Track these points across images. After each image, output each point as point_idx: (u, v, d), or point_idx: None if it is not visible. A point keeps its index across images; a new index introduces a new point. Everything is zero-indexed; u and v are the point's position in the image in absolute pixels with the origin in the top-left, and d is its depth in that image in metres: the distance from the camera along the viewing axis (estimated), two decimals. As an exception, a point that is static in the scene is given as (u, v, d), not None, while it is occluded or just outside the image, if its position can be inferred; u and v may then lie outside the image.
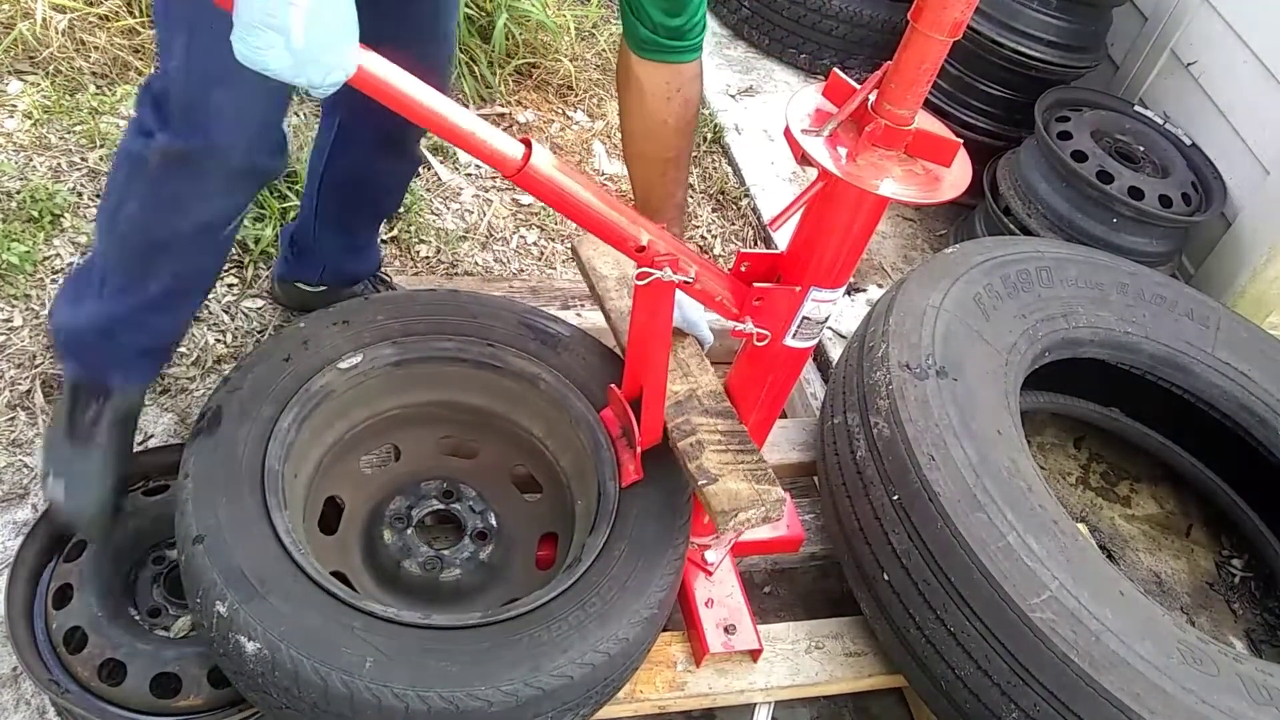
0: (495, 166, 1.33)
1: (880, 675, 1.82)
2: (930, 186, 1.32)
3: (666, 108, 1.60)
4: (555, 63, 3.19)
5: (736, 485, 1.54)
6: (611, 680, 1.50)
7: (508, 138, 1.31)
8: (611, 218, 1.40)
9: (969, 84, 3.07)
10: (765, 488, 1.54)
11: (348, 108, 1.84)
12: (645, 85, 1.58)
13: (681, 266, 1.42)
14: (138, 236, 1.52)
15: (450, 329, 1.81)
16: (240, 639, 1.36)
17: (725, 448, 1.60)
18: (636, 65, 1.57)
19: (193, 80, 1.30)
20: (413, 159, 1.98)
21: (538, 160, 1.31)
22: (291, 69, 1.12)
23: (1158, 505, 2.51)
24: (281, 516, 1.50)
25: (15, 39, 2.60)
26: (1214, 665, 1.55)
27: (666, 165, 1.68)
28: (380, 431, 1.85)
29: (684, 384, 1.71)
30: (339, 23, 1.14)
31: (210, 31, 1.27)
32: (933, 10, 1.19)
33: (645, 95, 1.59)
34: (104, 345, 1.61)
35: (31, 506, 1.87)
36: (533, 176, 1.32)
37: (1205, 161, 2.78)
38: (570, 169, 1.38)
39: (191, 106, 1.36)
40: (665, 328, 1.51)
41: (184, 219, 1.49)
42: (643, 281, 1.42)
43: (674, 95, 1.59)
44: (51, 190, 2.33)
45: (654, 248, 1.41)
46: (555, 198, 1.37)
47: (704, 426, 1.63)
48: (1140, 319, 2.14)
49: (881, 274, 2.94)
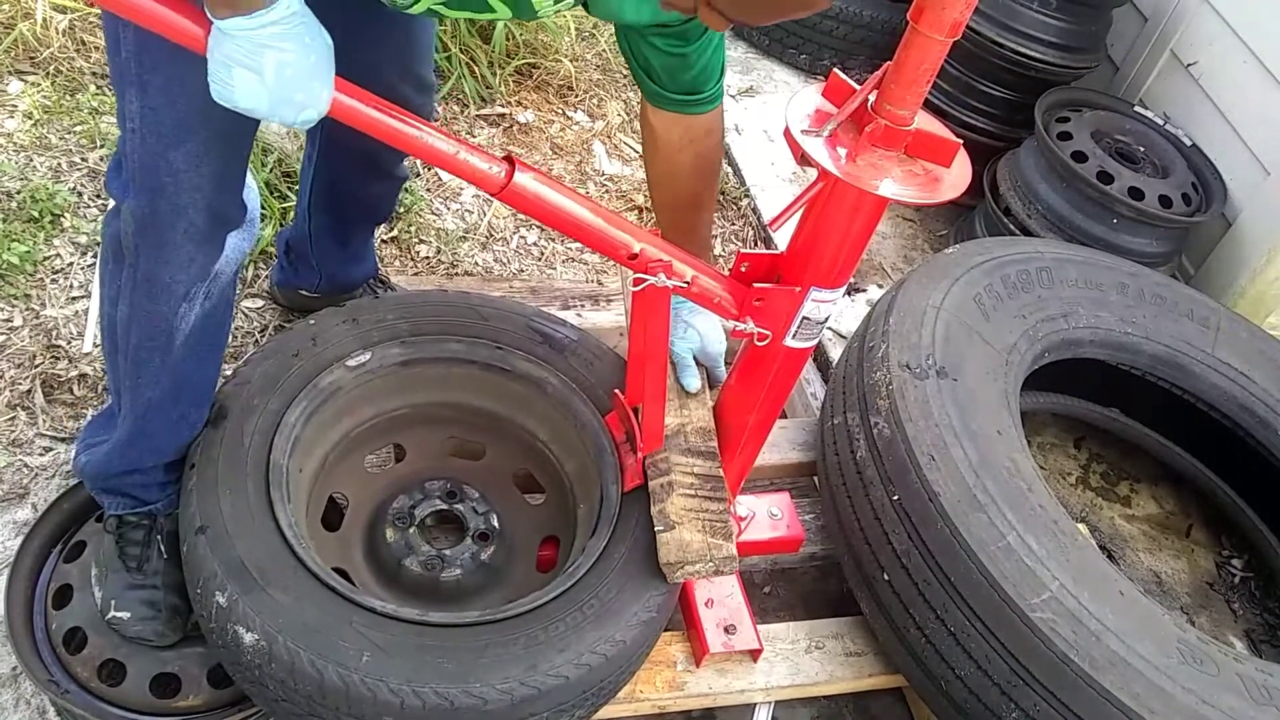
0: (479, 186, 1.34)
1: (880, 675, 1.82)
2: (930, 187, 1.32)
3: (680, 156, 1.63)
4: (555, 63, 3.19)
5: (690, 536, 1.55)
6: (608, 682, 1.50)
7: (490, 157, 1.33)
8: (601, 228, 1.41)
9: (969, 84, 3.07)
10: (718, 542, 1.55)
11: (324, 133, 1.86)
12: (659, 133, 1.62)
13: (676, 271, 1.43)
14: (133, 340, 1.50)
15: (459, 330, 1.81)
16: (238, 630, 1.37)
17: (694, 493, 1.61)
18: (651, 113, 1.61)
19: (148, 141, 1.29)
20: (397, 175, 1.99)
21: (521, 177, 1.33)
22: (266, 106, 1.16)
23: (1158, 505, 2.51)
24: (285, 510, 1.51)
25: (16, 39, 2.60)
26: (1214, 665, 1.55)
27: (685, 209, 1.71)
28: (386, 430, 1.86)
29: (675, 418, 1.71)
30: (311, 63, 1.17)
31: (162, 91, 1.29)
32: (932, 10, 1.19)
33: (659, 143, 1.63)
34: (137, 476, 1.60)
35: (31, 506, 1.87)
36: (518, 193, 1.34)
37: (1205, 162, 2.78)
38: (555, 183, 1.39)
39: (149, 167, 1.34)
40: (662, 333, 1.52)
41: (167, 299, 1.46)
42: (637, 288, 1.43)
43: (687, 146, 1.62)
44: (52, 190, 2.33)
45: (646, 255, 1.41)
46: (543, 212, 1.38)
47: (680, 467, 1.64)
48: (1140, 319, 2.14)
49: (881, 274, 2.94)
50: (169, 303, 1.47)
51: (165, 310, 1.47)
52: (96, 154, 2.48)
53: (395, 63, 1.69)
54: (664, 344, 1.55)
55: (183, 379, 1.54)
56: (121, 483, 1.61)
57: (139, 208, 1.38)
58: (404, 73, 1.71)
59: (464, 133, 2.95)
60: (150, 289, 1.45)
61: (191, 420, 1.58)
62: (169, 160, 1.32)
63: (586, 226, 1.40)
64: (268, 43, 1.12)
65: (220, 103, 1.17)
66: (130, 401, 1.54)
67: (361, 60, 1.64)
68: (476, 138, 2.95)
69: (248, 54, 1.12)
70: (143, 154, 1.34)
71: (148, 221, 1.39)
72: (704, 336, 1.77)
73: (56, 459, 1.95)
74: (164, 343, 1.50)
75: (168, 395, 1.54)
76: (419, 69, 1.74)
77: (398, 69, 1.69)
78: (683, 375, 1.77)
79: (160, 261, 1.42)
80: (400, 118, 1.27)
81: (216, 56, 1.14)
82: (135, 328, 1.49)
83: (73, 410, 2.03)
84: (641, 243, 1.42)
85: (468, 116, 3.00)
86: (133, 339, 1.50)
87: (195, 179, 1.36)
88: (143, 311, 1.47)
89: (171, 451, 1.58)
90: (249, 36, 1.11)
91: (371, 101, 1.26)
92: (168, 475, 1.61)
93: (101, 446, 1.61)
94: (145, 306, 1.46)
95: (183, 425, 1.57)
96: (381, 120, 1.26)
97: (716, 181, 1.73)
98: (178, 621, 1.60)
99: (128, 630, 1.58)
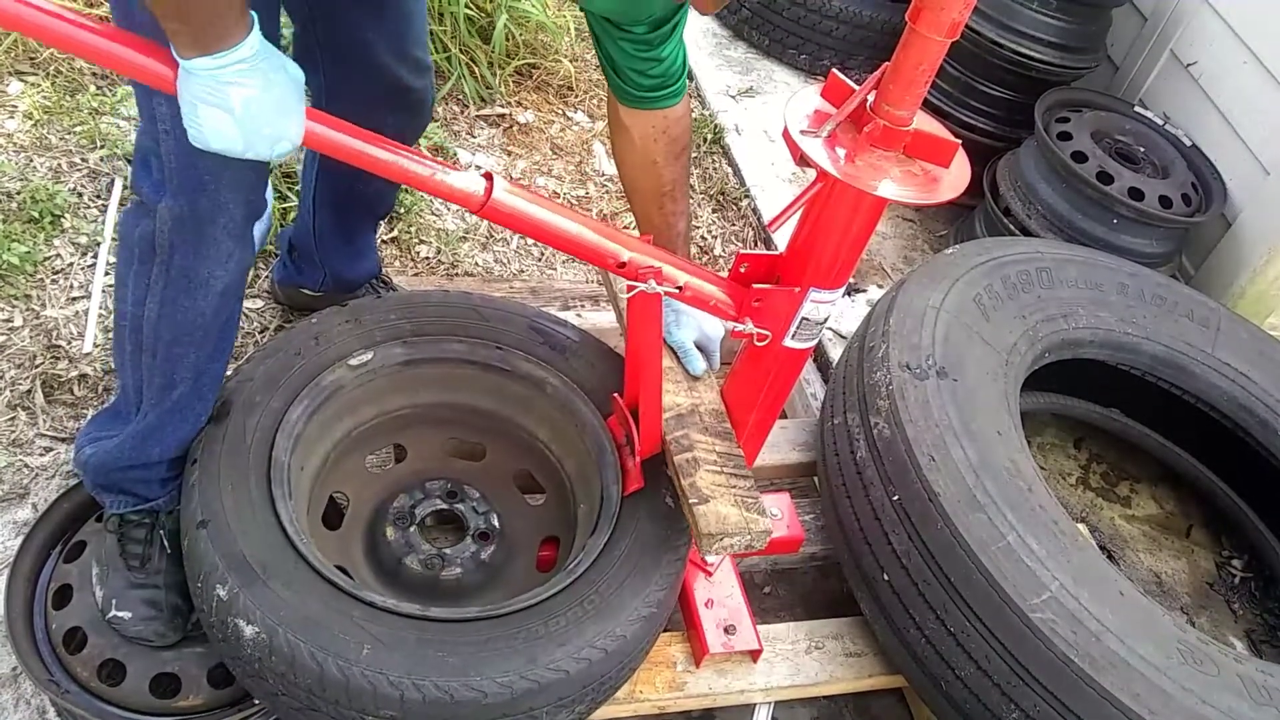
0: (460, 204, 1.35)
1: (880, 675, 1.82)
2: (928, 187, 1.32)
3: (655, 147, 1.73)
4: (555, 63, 3.19)
5: (726, 509, 1.54)
6: (608, 678, 1.50)
7: (468, 175, 1.33)
8: (587, 238, 1.41)
9: (969, 85, 3.07)
10: (754, 516, 1.54)
11: None
12: (633, 130, 1.72)
13: (667, 276, 1.43)
14: (165, 337, 1.52)
15: (461, 331, 1.82)
16: (239, 623, 1.37)
17: (720, 469, 1.61)
18: (624, 114, 1.71)
19: (184, 141, 1.29)
20: None
21: (500, 193, 1.33)
22: (240, 144, 1.19)
23: (1158, 505, 2.51)
24: (286, 506, 1.51)
25: (16, 39, 2.60)
26: (1214, 665, 1.55)
27: (663, 199, 1.78)
28: (387, 430, 1.86)
29: (688, 398, 1.72)
30: (276, 95, 1.20)
31: None
32: (930, 11, 1.19)
33: (634, 139, 1.73)
34: (141, 471, 1.61)
35: (31, 506, 1.87)
36: (498, 208, 1.34)
37: (1205, 162, 2.78)
38: (536, 195, 1.39)
39: (188, 166, 1.36)
40: (656, 337, 1.52)
41: (205, 295, 1.49)
42: (628, 294, 1.44)
43: (660, 136, 1.72)
44: (52, 191, 2.33)
45: (635, 262, 1.41)
46: (525, 225, 1.38)
47: (701, 444, 1.64)
48: (1140, 319, 2.14)
49: (881, 274, 2.94)
50: (206, 298, 1.49)
51: (202, 305, 1.49)
52: (96, 154, 2.48)
53: (389, 45, 1.70)
54: (658, 348, 1.55)
55: (207, 374, 1.57)
56: (124, 478, 1.62)
57: (177, 206, 1.40)
58: (399, 55, 1.72)
59: (464, 133, 2.95)
60: (188, 285, 1.47)
61: (200, 415, 1.59)
62: (208, 158, 1.32)
63: (572, 237, 1.40)
64: (232, 80, 1.16)
65: (196, 145, 1.22)
66: (155, 398, 1.55)
67: (354, 45, 1.66)
68: (476, 138, 2.96)
69: (212, 91, 1.16)
70: (179, 154, 1.35)
71: (187, 220, 1.41)
72: (702, 323, 1.78)
73: (56, 459, 1.95)
74: (200, 338, 1.52)
75: (194, 391, 1.56)
76: (414, 50, 1.75)
77: (392, 51, 1.71)
78: (687, 361, 1.78)
79: (199, 257, 1.45)
80: (375, 144, 1.29)
81: (185, 97, 1.18)
82: (167, 325, 1.50)
83: (73, 410, 2.03)
84: (630, 250, 1.42)
85: (468, 116, 3.00)
86: (164, 336, 1.51)
87: (238, 175, 1.38)
88: (178, 308, 1.49)
89: (177, 447, 1.59)
90: (214, 75, 1.15)
91: (346, 129, 1.28)
92: (170, 471, 1.62)
93: (108, 441, 1.62)
94: (181, 303, 1.48)
95: (196, 420, 1.59)
96: (357, 147, 1.28)
97: (689, 165, 1.82)
98: (178, 621, 1.60)
99: (128, 630, 1.58)
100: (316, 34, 1.69)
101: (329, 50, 1.70)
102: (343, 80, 1.73)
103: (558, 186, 2.90)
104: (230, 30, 1.14)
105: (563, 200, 2.85)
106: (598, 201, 2.88)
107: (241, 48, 1.15)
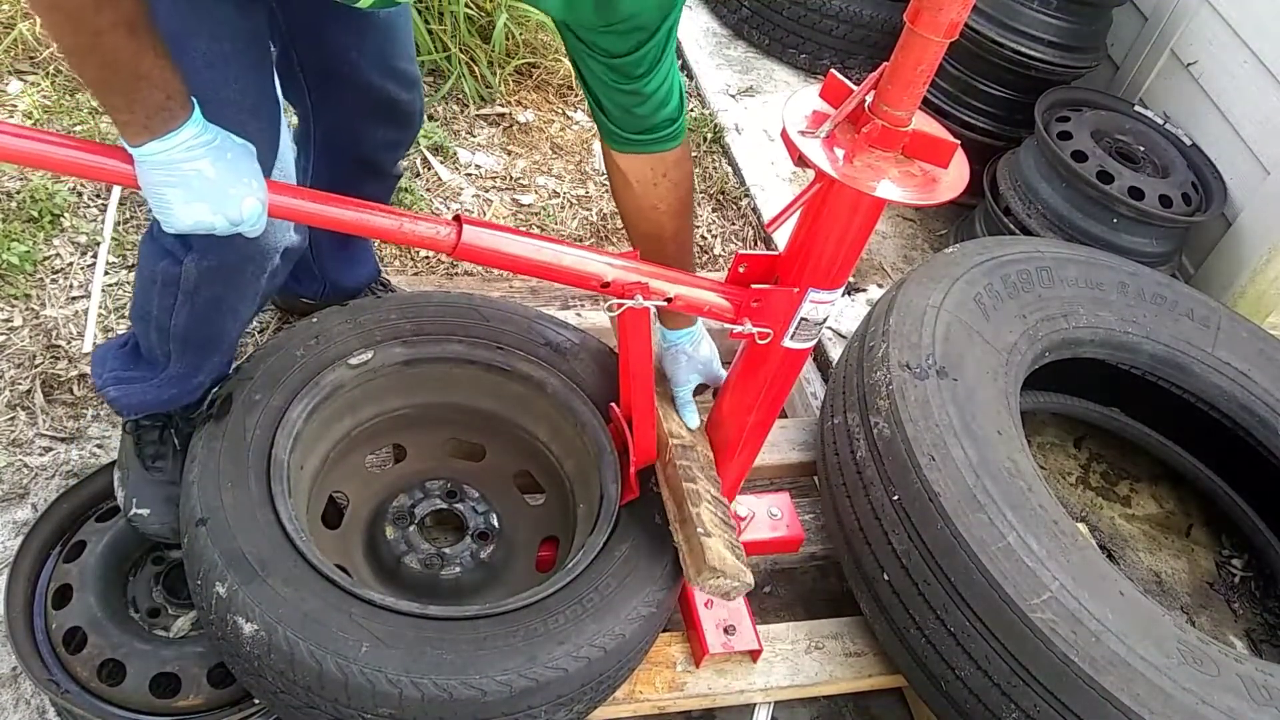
0: (432, 249, 1.36)
1: (880, 675, 1.82)
2: (927, 188, 1.31)
3: (655, 193, 1.54)
4: (555, 62, 3.19)
5: (724, 552, 1.54)
6: (608, 677, 1.50)
7: (437, 221, 1.33)
8: (567, 264, 1.40)
9: (969, 84, 3.06)
10: (743, 567, 1.55)
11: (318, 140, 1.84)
12: (629, 175, 1.53)
13: (655, 290, 1.42)
14: (198, 340, 1.61)
15: (461, 331, 1.82)
16: (238, 620, 1.37)
17: (715, 513, 1.61)
18: (617, 157, 1.52)
19: None
20: (392, 174, 1.98)
21: (470, 234, 1.33)
22: (208, 212, 1.22)
23: (1158, 505, 2.51)
24: (285, 504, 1.52)
25: (15, 39, 2.60)
26: (1214, 665, 1.55)
27: (664, 244, 1.60)
28: (387, 430, 1.86)
29: (689, 435, 1.73)
30: (229, 159, 1.24)
31: None
32: (929, 12, 1.19)
33: (631, 184, 1.54)
34: (186, 398, 1.70)
35: (31, 506, 1.87)
36: (472, 249, 1.34)
37: (1205, 161, 2.78)
38: (509, 230, 1.38)
39: None
40: (646, 350, 1.53)
41: (235, 317, 1.61)
42: (615, 312, 1.43)
43: (660, 181, 1.53)
44: (51, 190, 2.34)
45: (620, 280, 1.41)
46: (502, 261, 1.38)
47: (702, 482, 1.64)
48: (1140, 319, 2.14)
49: (881, 274, 2.94)
50: (234, 322, 1.61)
51: (229, 323, 1.60)
52: (96, 154, 2.48)
53: (373, 62, 1.68)
54: (649, 361, 1.55)
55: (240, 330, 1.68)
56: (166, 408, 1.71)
57: (205, 263, 1.47)
58: (385, 70, 1.70)
59: (464, 132, 2.95)
60: (216, 311, 1.56)
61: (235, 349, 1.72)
62: None
63: (551, 266, 1.39)
64: (183, 157, 1.20)
65: (171, 232, 1.26)
66: (186, 369, 1.65)
67: (338, 64, 1.66)
68: (476, 137, 2.95)
69: (169, 172, 1.20)
70: None
71: (216, 272, 1.49)
72: (710, 363, 1.76)
73: (56, 459, 1.96)
74: (227, 345, 1.68)
75: (223, 365, 1.70)
76: (399, 64, 1.72)
77: (377, 68, 1.69)
78: (684, 415, 1.76)
79: (228, 289, 1.54)
80: (338, 205, 1.30)
81: (147, 187, 1.22)
82: (194, 334, 1.59)
83: (73, 410, 2.03)
84: (614, 270, 1.41)
85: (468, 116, 3.00)
86: (192, 340, 1.60)
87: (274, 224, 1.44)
88: (205, 323, 1.57)
89: (218, 375, 1.70)
90: (167, 157, 1.20)
91: (307, 195, 1.31)
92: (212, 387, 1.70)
93: (139, 384, 1.68)
94: (210, 318, 1.57)
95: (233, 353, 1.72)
96: (321, 211, 1.31)
97: (693, 209, 1.63)
98: None
99: (147, 527, 1.65)
100: (298, 56, 1.66)
101: (313, 72, 1.69)
102: (329, 99, 1.73)
103: (558, 186, 2.90)
104: (175, 112, 1.19)
105: (563, 199, 2.85)
106: (598, 201, 2.88)
107: (187, 126, 1.20)
